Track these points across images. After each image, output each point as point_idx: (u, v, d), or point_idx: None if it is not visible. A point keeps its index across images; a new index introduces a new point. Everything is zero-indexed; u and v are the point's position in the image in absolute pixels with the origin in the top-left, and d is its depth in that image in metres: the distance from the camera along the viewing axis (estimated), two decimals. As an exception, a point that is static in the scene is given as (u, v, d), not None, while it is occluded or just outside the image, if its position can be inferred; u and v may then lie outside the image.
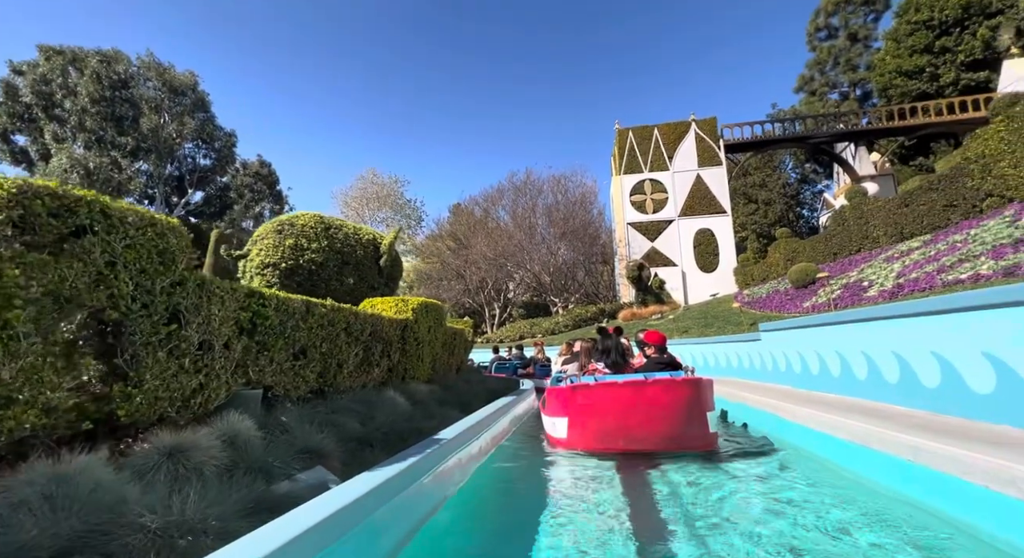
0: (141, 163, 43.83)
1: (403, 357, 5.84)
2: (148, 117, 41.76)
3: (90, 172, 40.45)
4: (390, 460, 2.86)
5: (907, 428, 2.96)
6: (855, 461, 3.13)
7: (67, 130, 41.42)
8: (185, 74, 43.92)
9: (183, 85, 43.76)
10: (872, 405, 4.11)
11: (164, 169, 44.51)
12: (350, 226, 8.71)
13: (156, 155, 42.96)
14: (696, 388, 3.74)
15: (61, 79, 40.45)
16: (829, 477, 3.12)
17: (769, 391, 5.81)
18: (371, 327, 5.01)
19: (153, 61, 42.88)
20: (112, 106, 40.63)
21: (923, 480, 2.49)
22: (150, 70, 42.72)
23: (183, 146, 45.49)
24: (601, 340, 4.93)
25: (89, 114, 39.97)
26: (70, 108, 40.20)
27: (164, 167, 44.39)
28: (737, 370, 8.34)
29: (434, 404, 5.37)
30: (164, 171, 44.55)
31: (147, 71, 42.79)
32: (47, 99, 40.27)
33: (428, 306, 6.55)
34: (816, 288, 10.31)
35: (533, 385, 9.26)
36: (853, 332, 4.85)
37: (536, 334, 21.98)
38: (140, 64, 42.44)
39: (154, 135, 42.69)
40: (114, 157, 41.49)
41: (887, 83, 26.16)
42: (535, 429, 5.81)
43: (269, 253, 7.72)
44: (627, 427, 3.71)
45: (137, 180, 43.27)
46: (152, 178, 44.18)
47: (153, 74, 42.82)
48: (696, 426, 3.72)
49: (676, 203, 24.09)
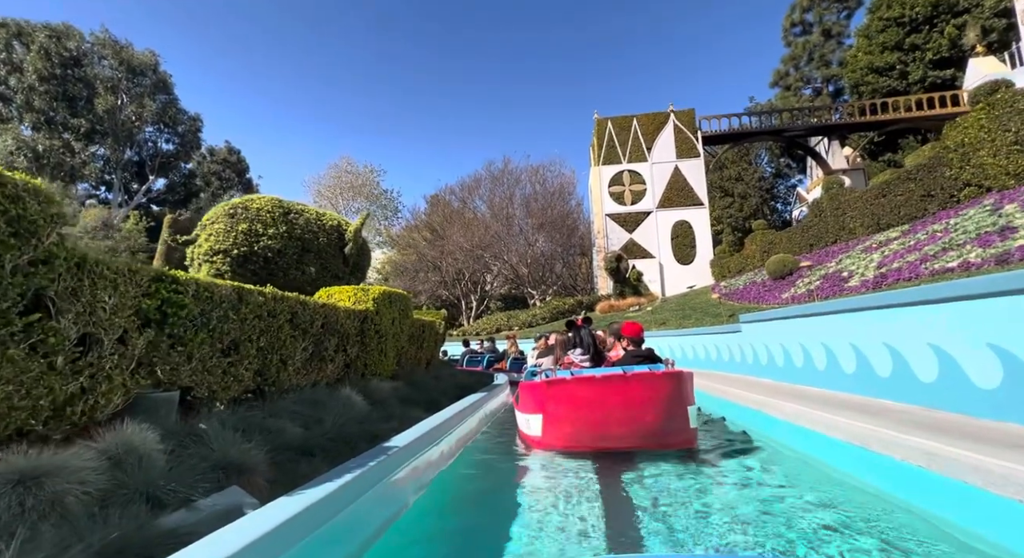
0: (97, 147, 41.40)
1: (363, 352, 5.35)
2: (103, 98, 39.36)
3: (39, 155, 37.99)
4: (328, 475, 2.41)
5: (911, 427, 2.68)
6: (852, 464, 2.83)
7: (12, 109, 38.65)
8: (144, 53, 41.52)
9: (142, 65, 41.34)
10: (863, 400, 3.86)
11: (122, 154, 42.17)
12: (312, 211, 8.11)
13: (113, 138, 40.60)
14: (677, 382, 3.57)
15: (5, 54, 37.67)
16: (819, 479, 2.82)
17: (752, 385, 5.57)
18: (323, 318, 4.50)
19: (108, 38, 40.30)
20: (63, 85, 38.12)
21: (934, 488, 2.19)
22: (105, 47, 40.20)
23: (143, 130, 43.14)
24: (573, 333, 4.70)
25: (37, 93, 37.42)
26: (15, 86, 37.50)
27: (122, 151, 42.05)
28: (716, 363, 8.14)
29: (396, 403, 4.92)
30: (122, 156, 42.23)
31: (102, 49, 40.26)
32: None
33: (392, 296, 6.06)
34: (794, 279, 10.23)
35: (507, 379, 8.90)
36: (840, 323, 4.60)
37: (513, 326, 21.64)
38: (94, 41, 39.89)
39: (110, 117, 40.29)
40: (66, 140, 39.06)
41: (859, 79, 26.59)
42: (509, 426, 5.46)
43: (220, 239, 7.07)
44: (605, 424, 3.50)
45: (92, 165, 40.91)
46: (109, 163, 41.81)
47: (109, 52, 40.31)
48: (678, 422, 3.55)
49: (654, 195, 23.99)
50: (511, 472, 3.72)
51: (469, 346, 11.53)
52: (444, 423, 4.09)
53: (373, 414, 4.26)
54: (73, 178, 38.49)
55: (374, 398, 4.90)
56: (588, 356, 4.54)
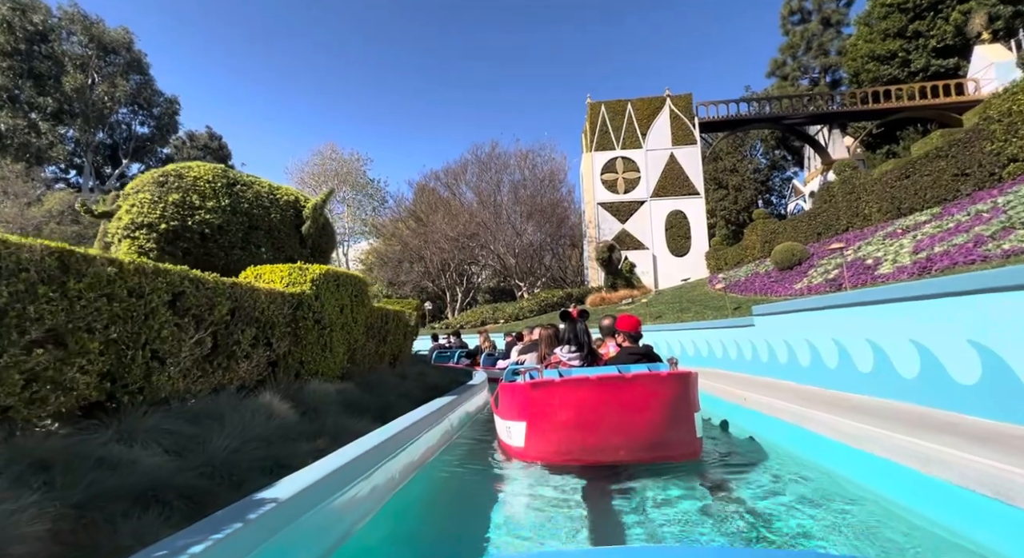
0: (66, 128, 39.50)
1: (297, 346, 4.30)
2: (72, 76, 37.47)
3: (1, 135, 36.07)
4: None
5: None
6: (981, 519, 1.86)
7: (-28, 86, 36.53)
8: (117, 30, 39.65)
9: (115, 42, 39.45)
10: (951, 418, 2.89)
11: (93, 136, 40.30)
12: (265, 184, 6.98)
13: (83, 119, 38.71)
14: (684, 384, 3.14)
15: (-37, 27, 35.50)
16: (914, 534, 1.87)
17: (777, 390, 4.61)
18: (232, 302, 3.43)
19: (79, 13, 38.34)
20: (29, 61, 36.13)
21: None
22: (74, 23, 38.26)
23: (116, 111, 41.25)
24: (566, 325, 4.06)
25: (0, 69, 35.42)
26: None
27: (93, 133, 40.18)
28: (723, 360, 7.20)
29: (337, 411, 3.90)
30: (93, 138, 40.37)
31: (71, 24, 38.27)
32: (-54, 50, 35.35)
33: (340, 278, 4.99)
34: (804, 269, 9.36)
35: (485, 377, 7.93)
36: (888, 315, 3.65)
37: (499, 320, 20.64)
38: (62, 15, 37.92)
39: (80, 97, 38.37)
40: (32, 119, 37.14)
41: (859, 68, 25.81)
42: (486, 431, 4.82)
43: (144, 210, 5.91)
44: (600, 434, 3.01)
45: (61, 146, 39.05)
46: (80, 145, 39.93)
47: (78, 28, 38.37)
48: (683, 431, 3.12)
49: (648, 183, 23.04)
50: (482, 494, 2.95)
51: (438, 341, 10.60)
52: (391, 440, 3.08)
53: (297, 429, 3.25)
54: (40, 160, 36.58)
55: (308, 405, 3.88)
56: (579, 354, 3.89)
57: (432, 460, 3.74)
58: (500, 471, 3.45)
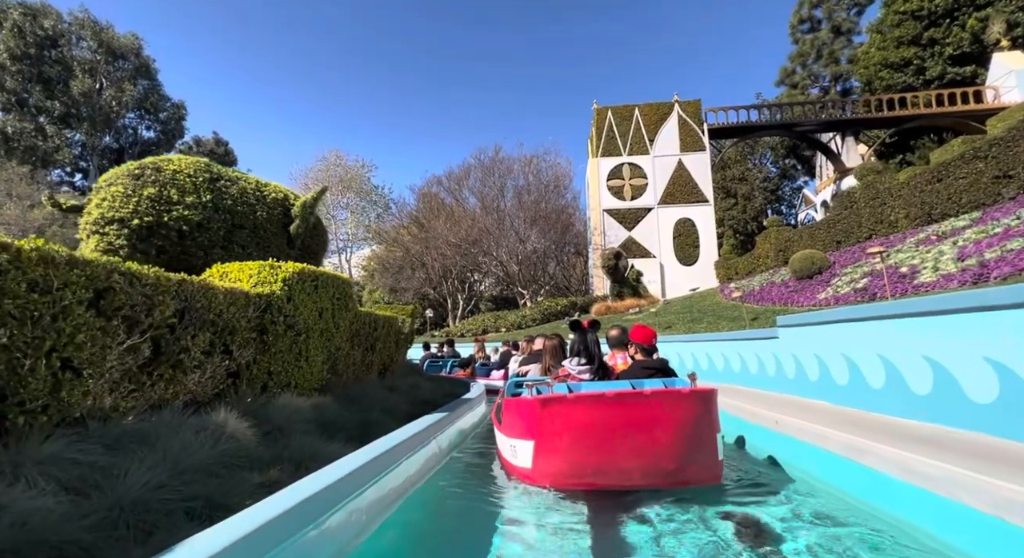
0: (73, 132, 39.76)
1: (264, 355, 3.79)
2: (80, 80, 37.78)
3: (8, 137, 36.34)
4: None
5: None
6: None
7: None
8: (126, 36, 40.11)
9: (124, 48, 39.88)
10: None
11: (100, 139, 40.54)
12: (251, 180, 6.53)
13: (90, 123, 38.94)
14: (707, 402, 2.94)
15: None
16: None
17: (811, 411, 4.03)
18: (180, 302, 2.94)
19: (88, 19, 38.84)
20: (38, 65, 36.51)
21: None
22: (84, 28, 38.73)
23: (123, 115, 41.52)
24: (577, 336, 3.77)
25: (9, 72, 35.83)
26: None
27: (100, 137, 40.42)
28: (742, 375, 6.61)
29: (305, 432, 3.39)
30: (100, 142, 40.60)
31: (80, 29, 38.73)
32: (-43, 53, 35.77)
33: (319, 278, 4.49)
34: (826, 278, 8.76)
35: (484, 389, 7.39)
36: (954, 328, 3.08)
37: (501, 328, 20.06)
38: (73, 21, 38.40)
39: (87, 101, 38.62)
40: (40, 123, 37.42)
41: (871, 76, 25.31)
42: (485, 445, 4.58)
43: (116, 204, 5.45)
44: (617, 456, 2.78)
45: (67, 150, 39.31)
46: (86, 149, 40.11)
47: (88, 33, 38.82)
48: (705, 453, 2.89)
49: (656, 190, 22.52)
50: (481, 520, 2.63)
51: (429, 349, 10.44)
52: (356, 473, 2.55)
53: (252, 454, 2.74)
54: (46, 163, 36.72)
55: (272, 424, 3.37)
56: (590, 367, 3.63)
57: (423, 484, 3.26)
58: (500, 495, 3.12)
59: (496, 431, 4.14)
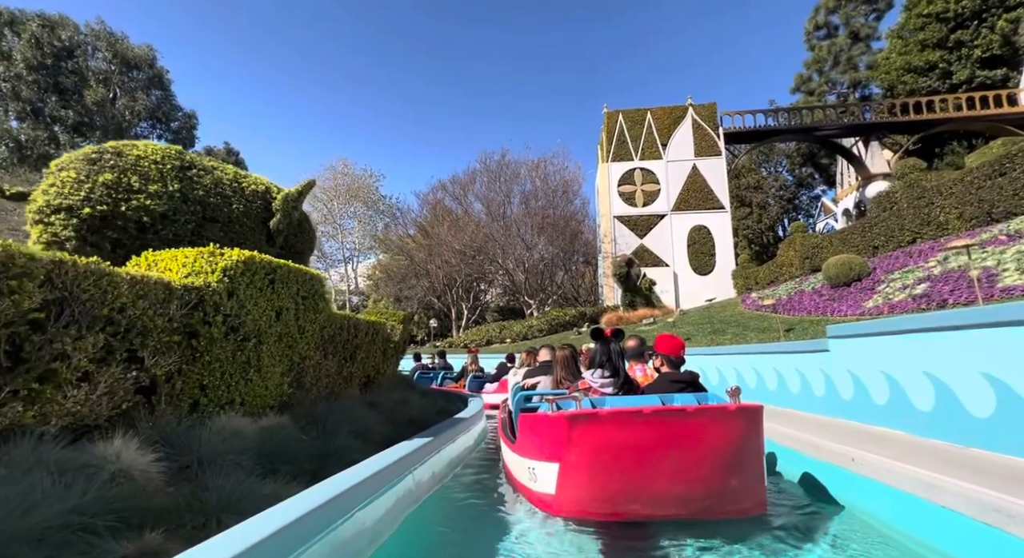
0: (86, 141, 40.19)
1: (194, 364, 3.01)
2: (94, 90, 38.20)
3: (22, 145, 36.68)
4: None
5: None
6: None
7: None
8: (141, 47, 40.66)
9: (138, 58, 40.41)
10: None
11: (112, 148, 40.93)
12: (229, 170, 5.83)
13: (103, 132, 39.27)
14: (755, 421, 2.52)
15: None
16: None
17: (892, 446, 3.11)
18: (53, 291, 2.22)
19: (104, 30, 39.47)
20: (53, 76, 37.03)
21: None
22: (100, 39, 39.32)
23: (136, 125, 41.89)
24: (598, 347, 3.45)
25: (25, 82, 36.31)
26: (2, 74, 36.42)
27: (112, 146, 40.81)
28: (781, 395, 5.67)
29: (240, 465, 2.64)
30: (111, 150, 40.99)
31: (96, 40, 39.33)
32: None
33: (276, 271, 3.69)
34: (868, 285, 7.83)
35: (482, 406, 6.57)
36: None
37: (507, 338, 19.18)
38: (89, 32, 39.02)
39: (101, 110, 39.02)
40: (54, 131, 37.84)
41: (893, 81, 24.38)
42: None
43: (64, 190, 4.74)
44: (655, 482, 2.43)
45: (79, 158, 39.64)
46: (98, 157, 40.55)
47: (103, 44, 39.39)
48: (752, 479, 2.51)
49: (669, 196, 21.63)
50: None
51: (420, 360, 10.07)
52: (281, 534, 1.71)
53: (145, 502, 1.99)
54: (57, 171, 37.07)
55: (197, 455, 2.59)
56: (614, 380, 3.30)
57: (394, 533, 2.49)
58: (509, 524, 2.74)
59: (506, 449, 3.80)
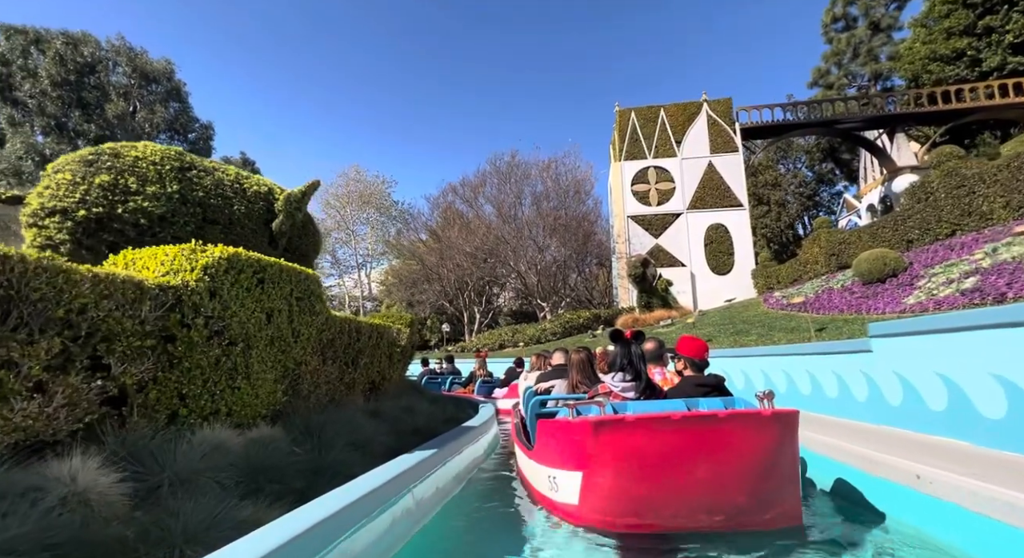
0: (107, 153, 41.28)
1: (172, 372, 2.75)
2: (115, 104, 39.29)
3: (46, 159, 37.84)
4: None
5: None
6: None
7: (24, 114, 38.83)
8: (160, 61, 41.77)
9: (156, 72, 41.49)
10: None
11: (132, 160, 41.97)
12: (231, 171, 5.69)
13: (123, 145, 40.34)
14: (791, 427, 2.37)
15: (22, 60, 38.05)
16: None
17: (962, 460, 2.68)
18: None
19: (124, 45, 40.66)
20: (77, 91, 38.19)
21: None
22: (120, 55, 40.49)
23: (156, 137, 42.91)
24: (618, 349, 3.27)
25: (50, 98, 37.47)
26: (29, 90, 37.64)
27: (132, 158, 41.86)
28: (816, 400, 5.21)
29: (222, 485, 2.39)
30: (131, 162, 42.03)
31: (117, 56, 40.51)
32: (3, 81, 37.77)
33: (265, 269, 3.43)
34: (906, 280, 7.31)
35: (493, 413, 6.26)
36: None
37: (519, 342, 18.81)
38: (109, 48, 40.19)
39: (121, 123, 40.08)
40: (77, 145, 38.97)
41: (918, 71, 23.47)
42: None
43: (59, 193, 4.62)
44: (685, 492, 2.32)
45: (100, 170, 40.67)
46: (118, 169, 41.60)
47: (124, 59, 40.56)
48: (788, 489, 2.39)
49: (684, 194, 21.07)
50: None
51: (428, 365, 9.85)
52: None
53: (96, 533, 1.73)
54: (79, 182, 38.09)
55: (170, 474, 2.34)
56: (635, 384, 3.14)
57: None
58: (526, 535, 2.66)
59: (522, 456, 3.69)
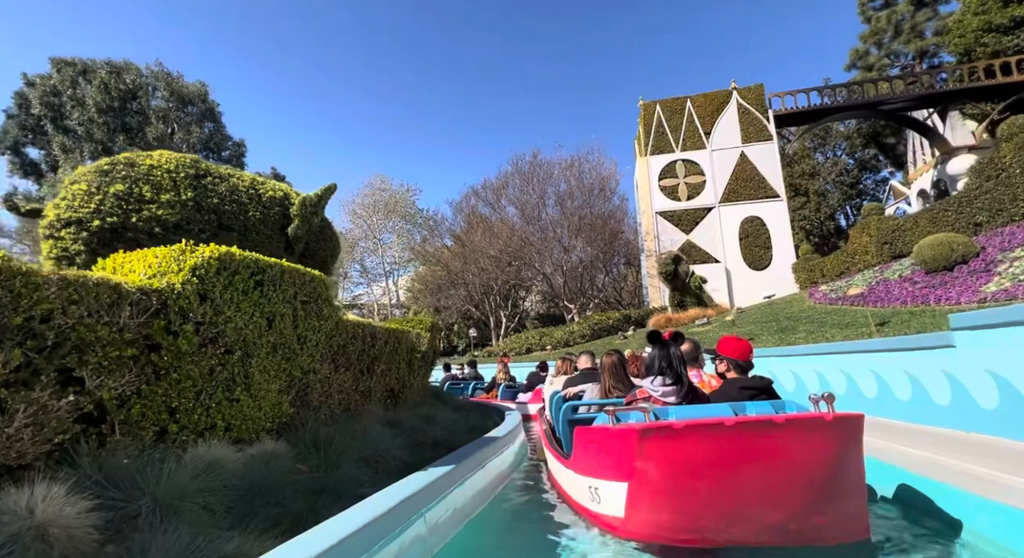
0: (148, 175, 43.53)
1: (158, 384, 2.49)
2: (154, 126, 41.49)
3: (94, 183, 40.07)
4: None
5: None
6: None
7: (75, 141, 41.49)
8: (195, 84, 43.92)
9: (192, 95, 43.62)
10: None
11: (170, 179, 44.17)
12: (246, 178, 5.59)
13: (162, 166, 42.53)
14: (855, 433, 2.18)
15: (71, 90, 40.62)
16: None
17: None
18: None
19: (162, 71, 43.02)
20: (120, 117, 40.50)
21: None
22: (159, 80, 42.78)
23: (193, 156, 45.08)
24: (656, 351, 2.97)
25: (96, 124, 39.84)
26: (78, 118, 40.21)
27: (171, 177, 44.05)
28: (882, 402, 4.57)
29: (211, 511, 2.13)
30: (170, 181, 44.23)
31: (156, 81, 42.83)
32: (56, 110, 40.41)
33: (262, 271, 3.17)
34: (979, 267, 6.50)
35: (519, 421, 5.90)
36: None
37: (547, 345, 18.33)
38: (149, 74, 42.52)
39: (161, 145, 42.23)
40: (120, 168, 41.18)
41: (970, 44, 21.74)
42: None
43: (75, 204, 4.61)
44: (740, 504, 2.11)
45: (141, 190, 43.00)
46: (158, 188, 43.83)
47: (162, 84, 42.84)
48: (853, 500, 2.18)
49: (716, 187, 20.15)
50: None
51: (450, 371, 9.68)
52: None
53: None
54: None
55: (151, 500, 2.05)
56: (676, 388, 2.84)
57: None
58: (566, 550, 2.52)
59: (556, 464, 3.58)
